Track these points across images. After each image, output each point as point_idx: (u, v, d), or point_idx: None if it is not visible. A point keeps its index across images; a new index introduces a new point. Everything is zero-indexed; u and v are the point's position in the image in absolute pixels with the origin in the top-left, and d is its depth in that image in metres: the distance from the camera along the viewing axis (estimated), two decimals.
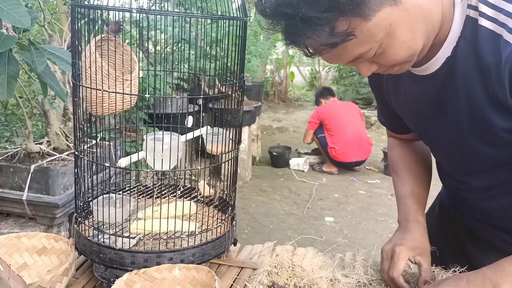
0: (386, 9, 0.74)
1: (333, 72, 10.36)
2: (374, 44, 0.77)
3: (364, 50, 0.78)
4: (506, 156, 0.90)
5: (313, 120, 5.43)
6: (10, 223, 2.46)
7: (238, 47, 1.15)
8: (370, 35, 0.76)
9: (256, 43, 6.47)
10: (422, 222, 1.11)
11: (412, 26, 0.77)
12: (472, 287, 0.87)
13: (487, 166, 0.96)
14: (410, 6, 0.76)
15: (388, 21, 0.75)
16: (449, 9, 0.83)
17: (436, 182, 1.20)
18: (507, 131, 0.85)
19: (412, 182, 1.18)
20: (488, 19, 0.79)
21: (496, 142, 0.88)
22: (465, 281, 0.89)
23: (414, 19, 0.77)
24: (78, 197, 1.20)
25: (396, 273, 1.02)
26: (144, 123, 2.81)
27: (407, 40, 0.78)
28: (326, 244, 3.47)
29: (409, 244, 1.05)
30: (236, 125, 1.24)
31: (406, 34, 0.77)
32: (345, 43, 0.75)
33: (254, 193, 4.69)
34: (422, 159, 1.23)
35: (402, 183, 1.20)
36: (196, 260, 1.12)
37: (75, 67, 1.13)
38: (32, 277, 1.13)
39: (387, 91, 1.10)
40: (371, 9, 0.73)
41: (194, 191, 1.43)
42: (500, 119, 0.83)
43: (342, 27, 0.74)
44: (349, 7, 0.71)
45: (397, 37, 0.77)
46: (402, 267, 1.02)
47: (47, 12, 2.42)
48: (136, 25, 1.88)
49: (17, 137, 2.99)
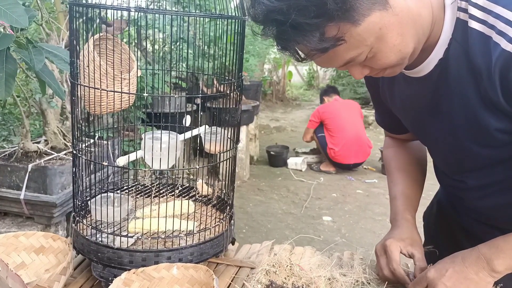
0: (376, 14, 0.75)
1: (331, 72, 10.37)
2: (365, 48, 0.79)
3: (355, 54, 0.79)
4: (500, 155, 0.91)
5: (314, 118, 5.43)
6: (7, 222, 2.45)
7: (236, 46, 1.15)
8: (360, 40, 0.77)
9: (254, 42, 6.46)
10: (410, 220, 1.14)
11: (402, 30, 0.79)
12: (467, 263, 0.91)
13: (481, 165, 0.97)
14: (400, 11, 0.77)
15: (377, 26, 0.76)
16: (439, 12, 0.84)
17: (434, 182, 1.20)
18: (501, 131, 0.86)
19: (402, 182, 1.21)
20: (478, 21, 0.80)
21: (490, 143, 0.89)
22: (460, 258, 0.93)
23: (404, 23, 0.78)
24: (76, 196, 1.20)
25: (395, 264, 1.04)
26: (142, 122, 2.81)
27: (397, 44, 0.79)
28: (324, 243, 3.47)
29: (397, 237, 1.08)
30: (234, 124, 1.24)
31: (396, 38, 0.79)
32: (335, 48, 0.77)
33: (252, 193, 4.69)
34: (416, 159, 1.24)
35: (393, 184, 1.23)
36: (194, 259, 1.12)
37: (73, 66, 1.13)
38: (30, 276, 1.13)
39: (383, 92, 1.11)
40: (360, 14, 0.74)
41: (192, 190, 1.43)
42: (493, 119, 0.85)
43: (332, 32, 0.74)
44: (337, 12, 0.72)
45: (387, 41, 0.78)
46: (398, 257, 1.05)
47: (45, 11, 2.42)
48: (134, 24, 1.87)
49: (14, 136, 2.98)
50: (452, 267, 0.93)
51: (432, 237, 1.31)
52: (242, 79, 1.22)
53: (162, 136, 1.16)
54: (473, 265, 0.91)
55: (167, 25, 1.20)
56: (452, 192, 1.16)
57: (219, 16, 1.12)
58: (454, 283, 0.91)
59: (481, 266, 0.90)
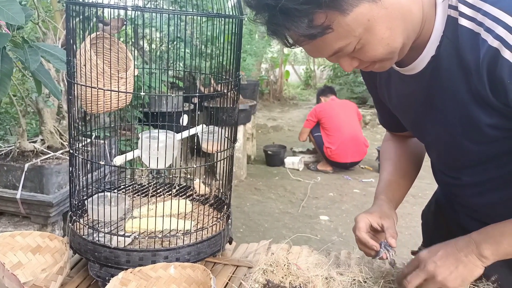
0: (365, 5, 0.76)
1: (328, 71, 10.38)
2: (353, 39, 0.80)
3: (343, 44, 0.81)
4: (493, 151, 0.93)
5: (311, 118, 5.43)
6: (3, 221, 2.45)
7: (233, 46, 1.15)
8: (349, 30, 0.78)
9: (251, 42, 6.46)
10: (383, 199, 1.17)
11: (391, 24, 0.80)
12: (458, 247, 0.95)
13: (475, 162, 0.99)
14: (389, 5, 0.78)
15: (366, 17, 0.77)
16: (430, 9, 0.86)
17: (432, 181, 1.21)
18: (492, 127, 0.87)
19: (388, 170, 1.24)
20: (467, 18, 0.82)
21: (482, 138, 0.91)
22: (453, 242, 0.97)
23: (393, 17, 0.80)
24: (73, 196, 1.20)
25: (357, 232, 1.09)
26: (139, 122, 2.80)
27: (385, 37, 0.81)
28: (321, 242, 3.48)
29: (366, 212, 1.13)
30: (231, 123, 1.24)
31: (385, 31, 0.80)
32: (323, 36, 0.78)
33: (249, 192, 4.69)
34: (410, 152, 1.26)
35: (380, 172, 1.26)
36: (192, 258, 1.12)
37: (70, 65, 1.12)
38: (27, 276, 1.12)
39: (381, 92, 1.13)
40: (349, 4, 0.75)
41: (189, 190, 1.42)
42: (484, 115, 0.86)
43: (320, 20, 0.76)
44: (325, 0, 0.74)
45: (376, 34, 0.80)
46: (363, 225, 1.09)
47: (41, 10, 2.41)
48: (131, 22, 1.87)
49: (11, 136, 2.97)
50: (444, 248, 0.97)
51: (429, 235, 1.32)
52: (239, 79, 1.22)
53: (159, 135, 1.15)
54: (464, 248, 0.94)
55: (164, 24, 1.20)
56: (449, 190, 1.18)
57: (216, 15, 1.12)
58: (445, 262, 0.94)
59: (470, 250, 0.93)
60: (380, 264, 1.21)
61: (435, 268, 0.94)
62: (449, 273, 0.93)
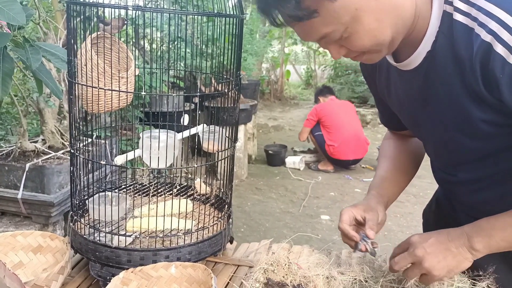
0: None
1: (329, 71, 10.37)
2: (339, 26, 0.81)
3: (329, 30, 0.82)
4: (488, 148, 0.93)
5: (311, 117, 5.43)
6: (5, 221, 2.45)
7: (234, 45, 1.15)
8: (335, 17, 0.79)
9: (252, 42, 6.46)
10: (373, 194, 1.17)
11: (380, 16, 0.81)
12: (450, 237, 0.95)
13: (471, 158, 0.99)
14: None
15: (354, 6, 0.79)
16: (425, 4, 0.86)
17: (433, 181, 1.21)
18: (486, 122, 0.88)
19: (384, 166, 1.24)
20: (462, 13, 0.82)
21: (477, 134, 0.91)
22: (446, 232, 0.97)
23: (382, 10, 0.81)
24: (74, 195, 1.20)
25: (340, 224, 1.09)
26: (140, 121, 2.80)
27: (372, 28, 0.82)
28: (322, 242, 3.48)
29: (352, 206, 1.13)
30: (232, 123, 1.24)
31: (373, 22, 0.81)
32: (310, 20, 0.80)
33: (250, 192, 4.69)
34: (408, 150, 1.26)
35: (377, 169, 1.27)
36: (193, 258, 1.12)
37: (71, 65, 1.12)
38: (28, 276, 1.13)
39: (381, 89, 1.13)
40: None
41: (190, 189, 1.43)
42: (478, 110, 0.87)
43: (307, 3, 0.78)
44: None
45: (363, 23, 0.81)
46: (346, 218, 1.09)
47: (42, 10, 2.41)
48: (132, 22, 1.87)
49: (12, 136, 2.97)
50: (435, 236, 0.97)
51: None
52: (240, 78, 1.22)
53: (160, 135, 1.16)
54: (456, 240, 0.94)
55: (164, 24, 1.20)
56: (447, 187, 1.19)
57: (217, 14, 1.12)
58: (434, 250, 0.94)
59: (462, 242, 0.93)
60: (381, 263, 1.21)
61: (424, 254, 0.94)
62: (436, 261, 0.94)
